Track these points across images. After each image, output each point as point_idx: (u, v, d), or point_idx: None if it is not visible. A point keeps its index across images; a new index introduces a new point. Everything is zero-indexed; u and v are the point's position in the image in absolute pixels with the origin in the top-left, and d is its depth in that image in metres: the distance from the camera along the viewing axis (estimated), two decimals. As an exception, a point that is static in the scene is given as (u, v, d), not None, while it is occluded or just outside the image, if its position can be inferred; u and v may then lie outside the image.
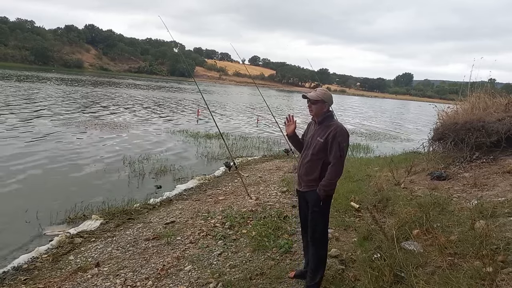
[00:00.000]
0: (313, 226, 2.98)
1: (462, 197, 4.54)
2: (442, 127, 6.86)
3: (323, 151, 2.89)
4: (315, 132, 3.01)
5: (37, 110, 16.55)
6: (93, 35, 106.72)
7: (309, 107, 3.03)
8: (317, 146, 2.92)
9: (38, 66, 76.04)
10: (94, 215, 5.34)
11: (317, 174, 2.92)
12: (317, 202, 2.91)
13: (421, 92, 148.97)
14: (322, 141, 2.88)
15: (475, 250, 2.87)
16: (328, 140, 2.86)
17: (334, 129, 2.87)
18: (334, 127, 2.89)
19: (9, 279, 3.68)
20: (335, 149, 2.83)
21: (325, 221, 3.02)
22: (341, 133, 2.86)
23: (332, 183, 2.86)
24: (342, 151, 2.84)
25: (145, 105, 24.30)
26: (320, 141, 2.89)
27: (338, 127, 2.89)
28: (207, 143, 12.19)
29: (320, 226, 2.98)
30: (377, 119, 32.24)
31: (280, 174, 7.94)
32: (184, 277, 3.47)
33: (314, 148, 2.95)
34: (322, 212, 2.97)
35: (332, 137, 2.85)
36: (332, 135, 2.85)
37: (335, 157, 2.83)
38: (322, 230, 3.00)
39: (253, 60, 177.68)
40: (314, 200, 2.92)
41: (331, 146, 2.85)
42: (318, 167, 2.92)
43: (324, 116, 2.98)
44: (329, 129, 2.89)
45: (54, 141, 10.51)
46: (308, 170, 2.99)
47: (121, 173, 7.92)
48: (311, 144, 3.00)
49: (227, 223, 4.75)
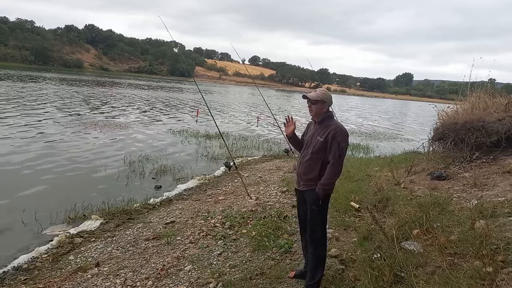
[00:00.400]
0: (311, 225, 2.99)
1: (462, 197, 4.54)
2: (442, 127, 6.85)
3: (322, 150, 2.91)
4: (315, 132, 3.03)
5: (37, 110, 16.55)
6: (93, 35, 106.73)
7: (309, 107, 3.05)
8: (316, 145, 2.94)
9: (38, 66, 76.04)
10: (94, 215, 5.34)
11: (316, 173, 2.94)
12: (315, 201, 2.93)
13: (421, 92, 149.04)
14: (322, 140, 2.90)
15: (475, 250, 2.87)
16: (328, 140, 2.88)
17: (333, 128, 2.90)
18: (333, 126, 2.92)
19: (9, 279, 3.68)
20: (334, 149, 2.85)
21: (323, 220, 3.04)
22: (340, 133, 2.88)
23: (331, 183, 2.89)
24: (341, 151, 2.86)
25: (145, 105, 24.30)
26: (320, 140, 2.92)
27: (337, 127, 2.92)
28: (207, 143, 12.19)
29: (319, 225, 2.99)
30: (377, 119, 32.24)
31: (280, 174, 7.94)
32: (184, 277, 3.47)
33: (314, 147, 2.96)
34: (321, 211, 2.98)
35: (332, 136, 2.87)
36: (331, 134, 2.88)
37: (334, 157, 2.85)
38: (321, 229, 3.01)
39: (253, 60, 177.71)
40: (313, 199, 2.94)
41: (331, 146, 2.87)
42: (318, 166, 2.94)
43: (324, 116, 3.01)
44: (329, 128, 2.91)
45: (54, 141, 10.52)
46: (307, 169, 3.00)
47: (121, 173, 7.91)
48: (310, 143, 3.02)
49: (227, 223, 4.75)
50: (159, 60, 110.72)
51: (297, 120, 3.58)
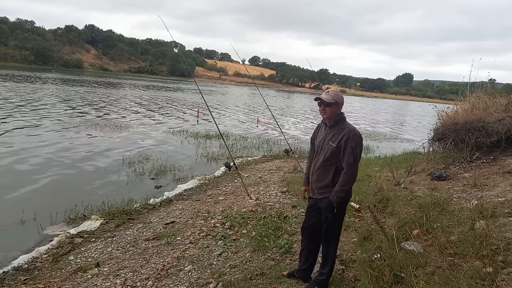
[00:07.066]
0: (326, 231, 2.94)
1: (462, 197, 4.54)
2: (442, 127, 6.85)
3: (335, 156, 2.79)
4: (326, 136, 2.90)
5: (37, 110, 16.55)
6: (93, 35, 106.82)
7: (322, 110, 2.86)
8: (329, 151, 2.82)
9: (38, 66, 76.05)
10: (94, 215, 5.34)
11: (329, 181, 2.84)
12: (330, 209, 2.84)
13: (421, 92, 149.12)
14: (335, 146, 2.78)
15: (475, 250, 2.87)
16: (341, 145, 2.75)
17: (347, 133, 2.75)
18: (347, 131, 2.77)
19: (9, 279, 3.68)
20: (348, 155, 2.72)
21: (339, 226, 2.99)
22: (354, 138, 2.74)
23: (344, 190, 2.78)
24: (355, 157, 2.73)
25: (145, 105, 24.30)
26: (332, 146, 2.79)
27: (351, 131, 2.76)
28: (207, 143, 12.19)
29: (333, 231, 2.96)
30: (377, 119, 32.25)
31: (280, 174, 7.94)
32: (184, 277, 3.47)
33: (325, 153, 2.84)
34: (336, 218, 2.91)
35: (345, 142, 2.74)
36: (345, 139, 2.74)
37: (348, 163, 2.73)
38: (336, 233, 3.00)
39: (253, 60, 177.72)
40: (327, 206, 2.86)
41: (344, 152, 2.74)
42: (330, 173, 2.83)
43: (337, 119, 2.86)
44: (342, 133, 2.77)
45: (54, 142, 10.51)
46: (320, 176, 2.90)
47: (121, 173, 7.91)
48: (322, 149, 2.90)
49: (227, 223, 4.75)
50: (159, 60, 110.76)
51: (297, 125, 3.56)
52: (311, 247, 3.13)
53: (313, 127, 3.98)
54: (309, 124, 21.63)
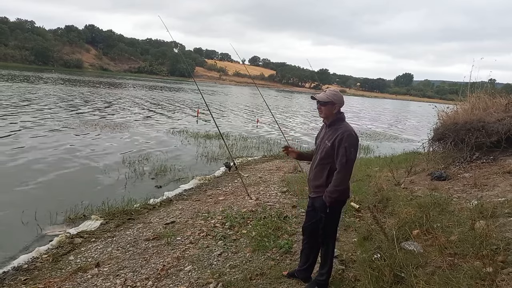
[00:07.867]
0: (322, 231, 2.95)
1: (462, 197, 4.54)
2: (442, 127, 6.85)
3: (330, 156, 2.79)
4: (324, 135, 2.92)
5: (37, 110, 16.54)
6: (93, 35, 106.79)
7: (318, 109, 2.90)
8: (324, 150, 2.83)
9: (38, 66, 76.05)
10: (94, 215, 5.34)
11: (323, 180, 2.84)
12: (323, 209, 2.84)
13: (421, 93, 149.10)
14: (329, 145, 2.78)
15: (475, 250, 2.87)
16: (335, 145, 2.75)
17: (341, 133, 2.74)
18: (341, 130, 2.76)
19: (9, 279, 3.68)
20: (341, 155, 2.71)
21: (333, 226, 2.98)
22: (348, 138, 2.72)
23: (338, 190, 2.75)
24: (348, 157, 2.71)
25: (145, 105, 24.30)
26: (327, 145, 2.80)
27: (346, 131, 2.75)
28: (207, 143, 12.19)
29: (328, 231, 2.95)
30: (377, 119, 32.24)
31: (280, 174, 7.94)
32: (184, 277, 3.47)
33: (321, 152, 2.87)
34: (330, 218, 2.89)
35: (339, 141, 2.73)
36: (338, 139, 2.73)
37: (341, 163, 2.72)
38: (331, 234, 2.99)
39: (253, 60, 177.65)
40: (321, 206, 2.86)
41: (338, 151, 2.74)
42: (325, 173, 2.84)
43: (334, 118, 2.87)
44: (337, 132, 2.77)
45: (54, 142, 10.51)
46: (316, 175, 2.92)
47: (121, 173, 7.91)
48: (319, 147, 2.92)
49: (227, 223, 4.75)
50: (159, 60, 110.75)
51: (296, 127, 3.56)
52: (312, 247, 3.13)
53: (318, 127, 3.96)
54: (313, 124, 21.58)
